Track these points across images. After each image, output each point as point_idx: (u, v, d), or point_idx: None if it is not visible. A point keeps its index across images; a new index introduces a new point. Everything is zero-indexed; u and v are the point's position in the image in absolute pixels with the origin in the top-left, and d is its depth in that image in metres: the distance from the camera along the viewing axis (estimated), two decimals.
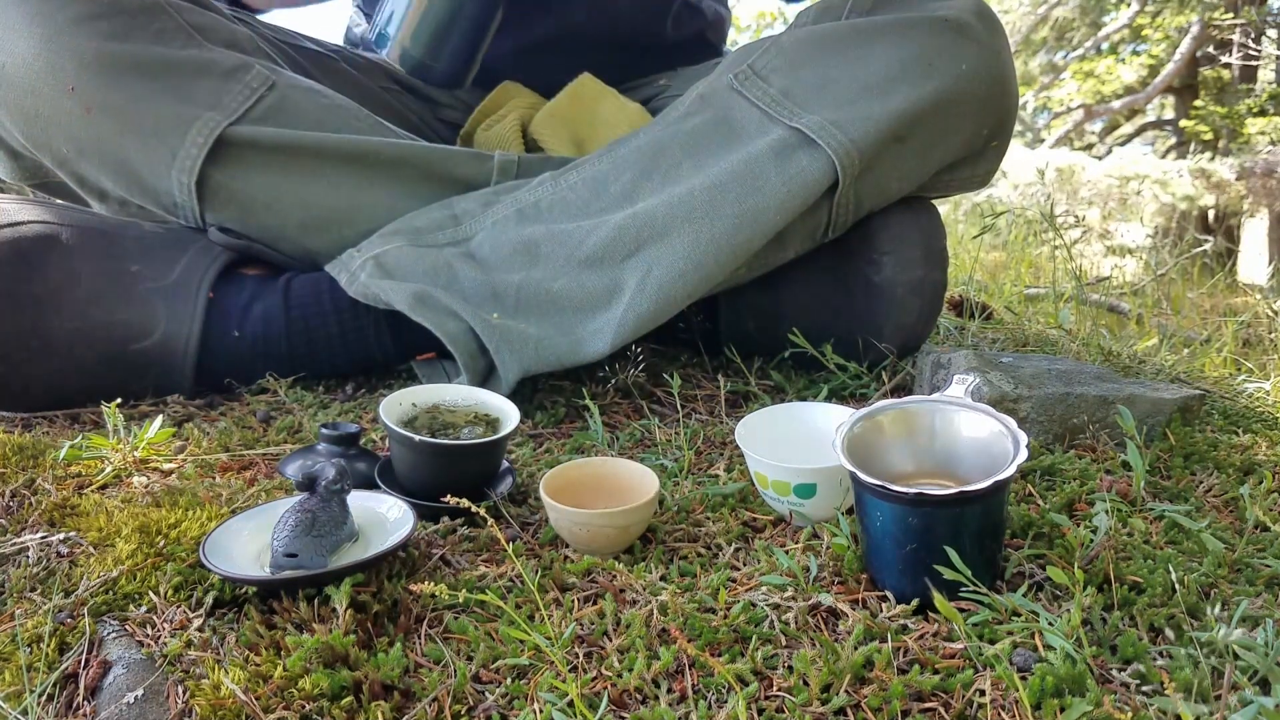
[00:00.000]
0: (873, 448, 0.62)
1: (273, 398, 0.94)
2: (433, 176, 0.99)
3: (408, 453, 0.70)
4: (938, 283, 0.99)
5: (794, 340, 0.98)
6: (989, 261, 2.75)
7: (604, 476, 0.70)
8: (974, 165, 0.99)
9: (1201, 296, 2.21)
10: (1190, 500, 0.72)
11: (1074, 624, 0.51)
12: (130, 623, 0.54)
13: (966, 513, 0.55)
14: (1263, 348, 1.61)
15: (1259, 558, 0.62)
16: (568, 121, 1.16)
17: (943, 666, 0.51)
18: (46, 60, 0.87)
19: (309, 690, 0.48)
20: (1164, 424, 0.82)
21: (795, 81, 0.90)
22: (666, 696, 0.49)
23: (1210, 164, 5.94)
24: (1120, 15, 8.24)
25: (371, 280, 0.90)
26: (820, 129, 0.86)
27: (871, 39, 0.90)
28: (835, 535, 0.63)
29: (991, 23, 0.93)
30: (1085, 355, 1.15)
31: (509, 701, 0.49)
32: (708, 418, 0.92)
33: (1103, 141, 8.98)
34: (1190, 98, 8.01)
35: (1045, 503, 0.70)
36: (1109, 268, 2.77)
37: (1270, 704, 0.44)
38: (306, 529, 0.57)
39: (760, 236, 0.87)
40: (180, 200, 0.92)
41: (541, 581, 0.59)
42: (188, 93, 0.91)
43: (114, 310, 0.88)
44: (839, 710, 0.48)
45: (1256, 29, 6.75)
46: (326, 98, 0.99)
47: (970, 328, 1.35)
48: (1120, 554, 0.61)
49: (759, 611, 0.56)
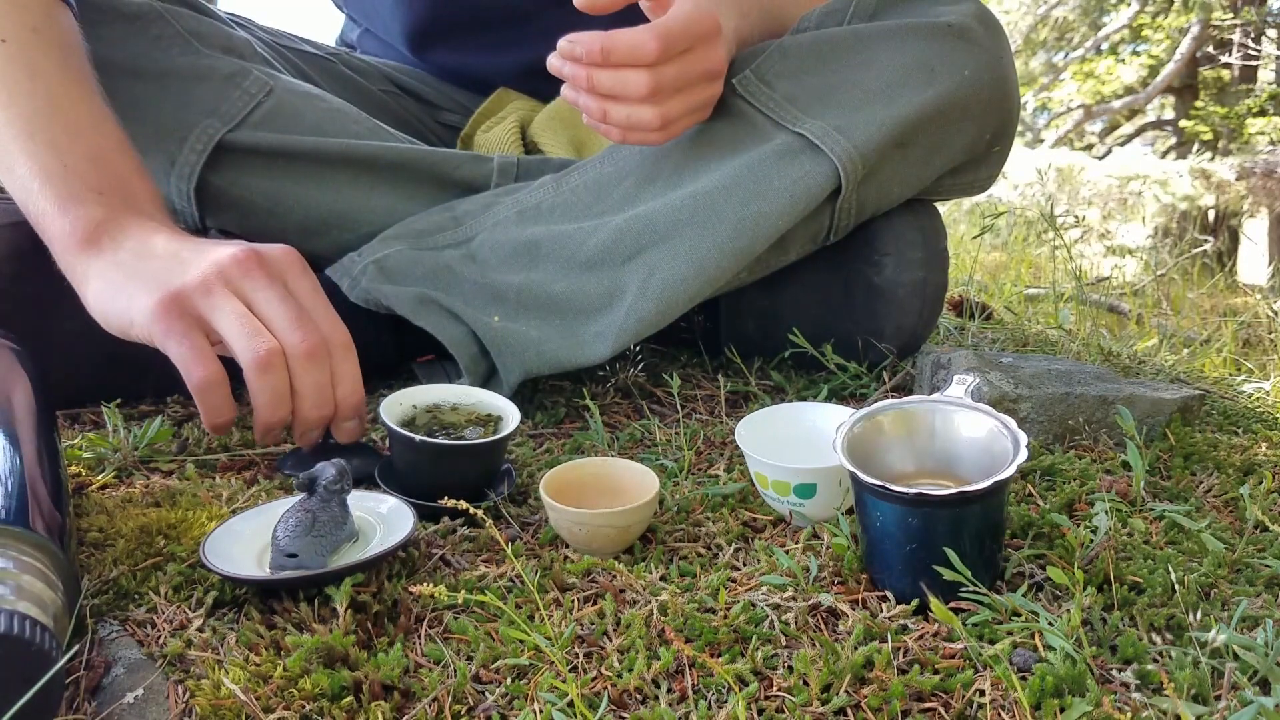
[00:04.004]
0: (873, 448, 0.62)
1: None
2: (432, 179, 0.99)
3: (408, 453, 0.70)
4: (939, 284, 0.99)
5: (794, 340, 0.98)
6: (989, 261, 2.75)
7: (604, 476, 0.70)
8: (976, 170, 0.99)
9: (1201, 296, 2.21)
10: (1190, 500, 0.72)
11: (1074, 624, 0.51)
12: (130, 623, 0.54)
13: (966, 513, 0.55)
14: (1263, 348, 1.61)
15: (1259, 558, 0.62)
16: (567, 124, 1.16)
17: (943, 666, 0.51)
18: None
19: (309, 690, 0.48)
20: (1164, 424, 0.82)
21: (798, 86, 0.90)
22: (666, 696, 0.49)
23: (1210, 164, 5.95)
24: (1120, 15, 8.24)
25: (373, 285, 0.90)
26: (824, 134, 0.87)
27: (873, 44, 0.90)
28: (835, 535, 0.63)
29: (993, 27, 0.93)
30: (1085, 355, 1.15)
31: (509, 701, 0.49)
32: (708, 418, 0.92)
33: (1103, 141, 8.98)
34: (1190, 98, 8.01)
35: (1045, 503, 0.70)
36: (1109, 268, 2.77)
37: (1270, 704, 0.44)
38: (306, 529, 0.57)
39: (762, 241, 0.87)
40: (179, 206, 0.92)
41: (541, 581, 0.59)
42: (185, 99, 0.91)
43: None
44: (839, 710, 0.48)
45: (1256, 29, 6.75)
46: (325, 102, 0.99)
47: (970, 328, 1.35)
48: (1120, 554, 0.61)
49: (759, 611, 0.56)
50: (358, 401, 0.71)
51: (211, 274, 0.66)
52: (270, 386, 0.66)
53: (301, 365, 0.67)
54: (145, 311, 0.65)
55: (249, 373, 0.66)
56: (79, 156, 0.72)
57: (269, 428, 0.68)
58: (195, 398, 0.66)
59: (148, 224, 0.71)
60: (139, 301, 0.66)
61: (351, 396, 0.70)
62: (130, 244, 0.69)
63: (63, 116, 0.73)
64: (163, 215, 0.74)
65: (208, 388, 0.66)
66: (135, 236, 0.69)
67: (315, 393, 0.68)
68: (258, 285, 0.67)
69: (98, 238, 0.69)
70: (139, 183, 0.74)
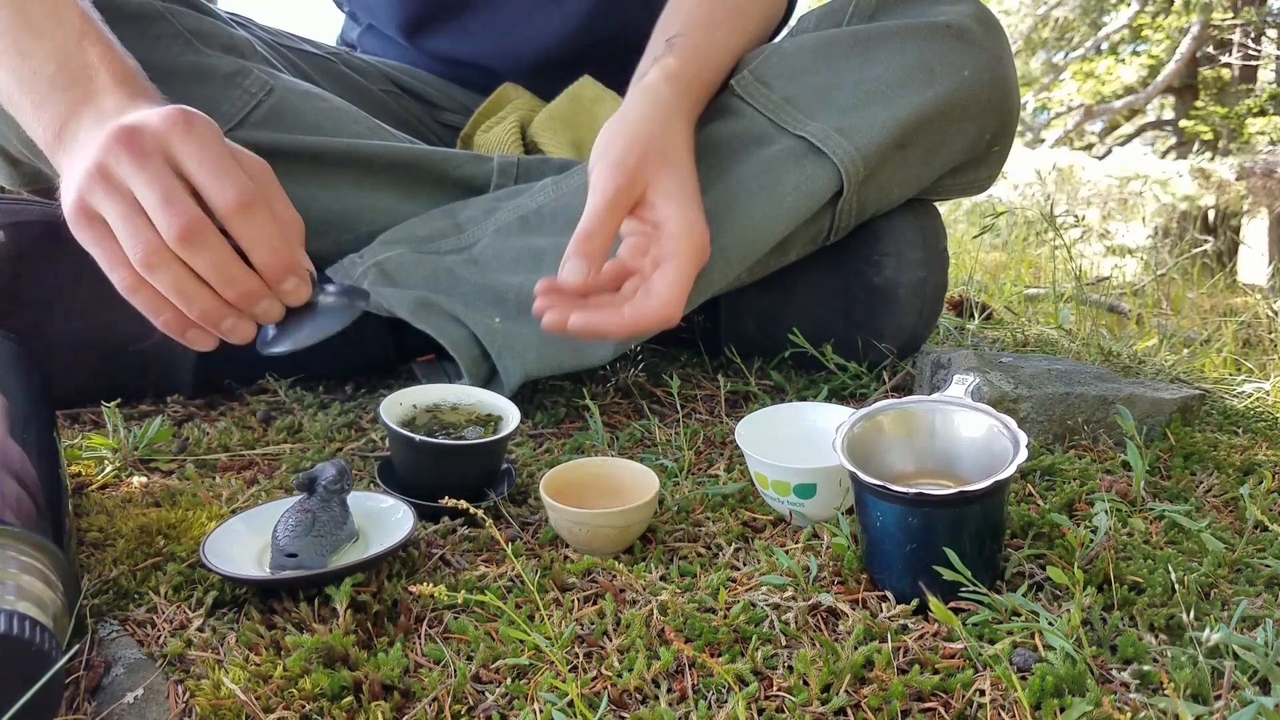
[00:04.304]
0: (873, 448, 0.62)
1: (273, 398, 0.94)
2: (432, 179, 0.99)
3: (408, 452, 0.70)
4: (938, 284, 0.99)
5: (794, 340, 0.98)
6: (989, 261, 2.75)
7: (604, 476, 0.70)
8: (976, 170, 0.99)
9: (1201, 296, 2.21)
10: (1190, 500, 0.72)
11: (1074, 624, 0.51)
12: (130, 623, 0.55)
13: (966, 513, 0.55)
14: (1263, 348, 1.61)
15: (1259, 558, 0.62)
16: (567, 123, 1.16)
17: (943, 666, 0.51)
18: None
19: (309, 690, 0.48)
20: (1164, 424, 0.82)
21: (799, 88, 0.90)
22: (666, 696, 0.49)
23: (1210, 164, 5.95)
24: (1120, 15, 8.24)
25: (373, 287, 0.90)
26: (825, 137, 0.87)
27: (873, 45, 0.90)
28: (835, 535, 0.63)
29: (992, 27, 0.93)
30: (1085, 355, 1.15)
31: (509, 701, 0.49)
32: (708, 418, 0.92)
33: (1103, 141, 8.98)
34: (1190, 98, 8.01)
35: (1045, 503, 0.70)
36: (1109, 268, 2.77)
37: (1270, 704, 0.44)
38: (306, 529, 0.57)
39: (765, 245, 0.87)
40: None
41: (541, 581, 0.59)
42: (186, 99, 0.91)
43: (115, 310, 0.88)
44: (839, 710, 0.48)
45: (1256, 29, 6.76)
46: (325, 101, 0.99)
47: (970, 328, 1.35)
48: (1120, 554, 0.61)
49: (759, 611, 0.56)
50: (281, 262, 0.64)
51: (92, 168, 0.62)
52: (169, 285, 0.62)
53: (183, 252, 0.61)
54: (69, 221, 0.64)
55: (147, 279, 0.62)
56: (44, 58, 0.69)
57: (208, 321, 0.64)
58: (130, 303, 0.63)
59: (96, 117, 0.67)
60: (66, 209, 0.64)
61: (270, 258, 0.64)
62: (82, 138, 0.66)
63: (25, 20, 0.70)
64: (122, 95, 0.69)
65: (130, 292, 0.63)
66: (86, 129, 0.66)
67: (216, 274, 0.62)
68: (129, 169, 0.62)
69: (62, 137, 0.67)
70: (103, 68, 0.70)
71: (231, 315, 0.64)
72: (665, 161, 0.79)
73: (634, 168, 0.77)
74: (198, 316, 0.64)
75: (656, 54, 0.88)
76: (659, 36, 0.92)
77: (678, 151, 0.81)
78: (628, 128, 0.80)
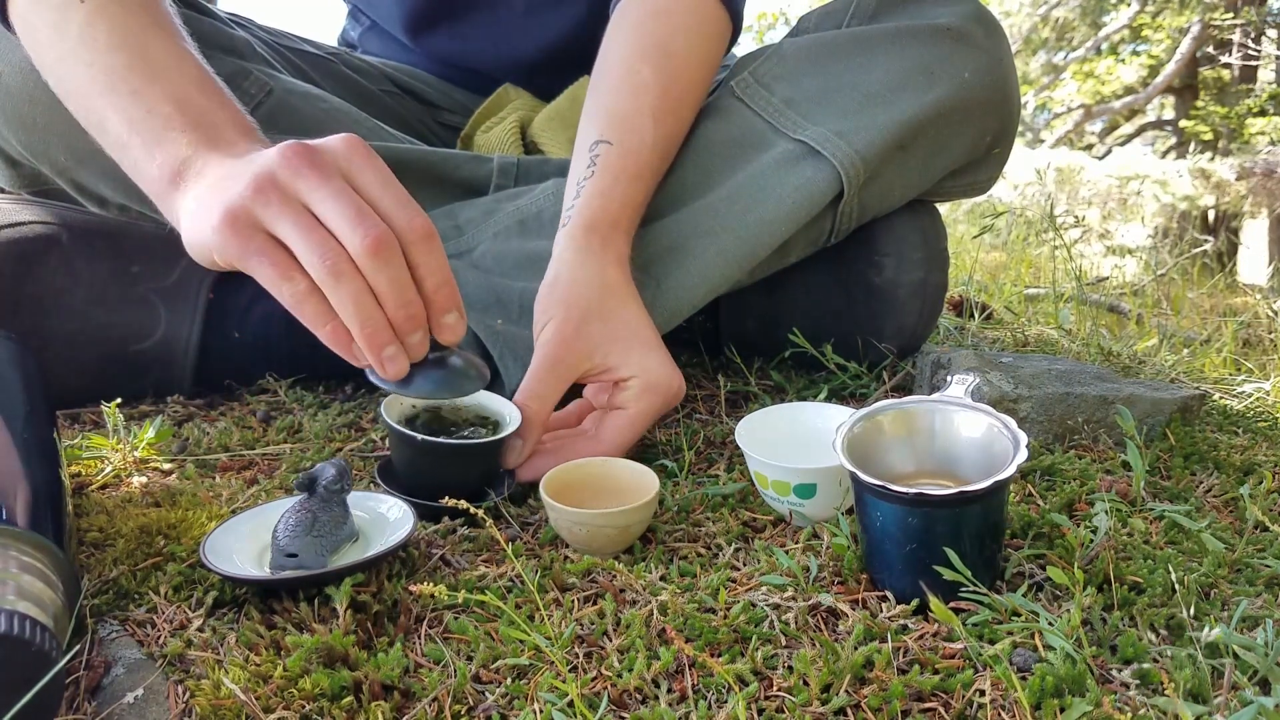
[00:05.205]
0: (873, 448, 0.62)
1: (273, 398, 0.94)
2: (432, 179, 0.99)
3: (409, 452, 0.70)
4: (938, 284, 0.99)
5: (794, 340, 0.98)
6: (989, 261, 2.75)
7: (604, 476, 0.70)
8: (976, 171, 0.99)
9: (1201, 296, 2.21)
10: (1190, 500, 0.72)
11: (1074, 624, 0.51)
12: (130, 623, 0.55)
13: (966, 513, 0.55)
14: (1263, 348, 1.61)
15: (1259, 558, 0.62)
16: (567, 123, 1.16)
17: (943, 666, 0.51)
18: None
19: (309, 690, 0.48)
20: (1164, 424, 0.82)
21: (798, 90, 0.90)
22: (666, 696, 0.49)
23: (1210, 164, 5.95)
24: (1120, 15, 8.24)
25: None
26: (825, 140, 0.87)
27: (873, 47, 0.90)
28: (835, 535, 0.63)
29: (992, 29, 0.93)
30: (1085, 355, 1.15)
31: (509, 701, 0.49)
32: (708, 418, 0.92)
33: (1103, 141, 8.98)
34: (1190, 98, 8.01)
35: (1045, 503, 0.70)
36: (1109, 268, 2.77)
37: (1270, 704, 0.44)
38: (306, 529, 0.57)
39: (766, 248, 0.87)
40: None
41: (541, 581, 0.59)
42: None
43: (114, 311, 0.88)
44: (839, 710, 0.48)
45: (1256, 29, 6.75)
46: (325, 102, 0.99)
47: (970, 328, 1.35)
48: (1120, 554, 0.61)
49: (759, 611, 0.56)
50: (451, 295, 0.64)
51: (263, 181, 0.61)
52: (349, 296, 0.60)
53: (369, 264, 0.60)
54: (215, 235, 0.62)
55: (324, 289, 0.61)
56: (160, 99, 0.69)
57: (372, 342, 0.62)
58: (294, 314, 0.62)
59: (229, 155, 0.67)
60: (207, 227, 0.62)
61: (442, 288, 0.64)
62: (210, 176, 0.66)
63: (143, 63, 0.70)
64: (248, 143, 0.69)
65: (298, 303, 0.61)
66: (215, 167, 0.66)
67: (394, 292, 0.61)
68: (311, 184, 0.61)
69: (182, 176, 0.67)
70: (223, 115, 0.71)
71: (394, 344, 0.63)
72: (606, 324, 0.78)
73: (572, 335, 0.76)
74: (366, 335, 0.62)
75: (580, 174, 0.85)
76: (585, 132, 0.87)
77: (619, 306, 0.79)
78: (560, 294, 0.79)
